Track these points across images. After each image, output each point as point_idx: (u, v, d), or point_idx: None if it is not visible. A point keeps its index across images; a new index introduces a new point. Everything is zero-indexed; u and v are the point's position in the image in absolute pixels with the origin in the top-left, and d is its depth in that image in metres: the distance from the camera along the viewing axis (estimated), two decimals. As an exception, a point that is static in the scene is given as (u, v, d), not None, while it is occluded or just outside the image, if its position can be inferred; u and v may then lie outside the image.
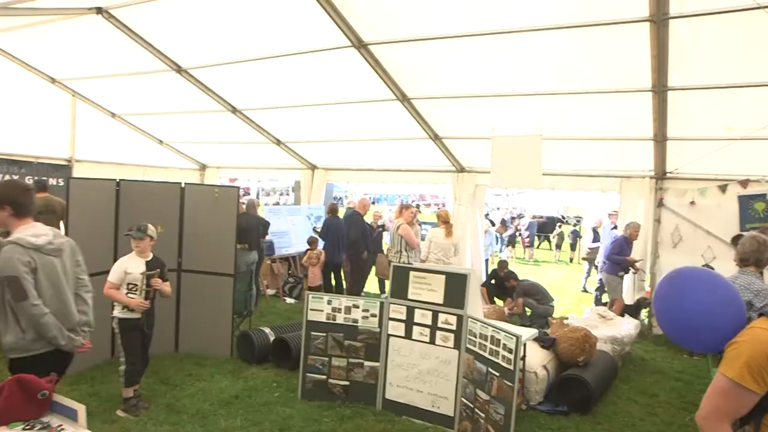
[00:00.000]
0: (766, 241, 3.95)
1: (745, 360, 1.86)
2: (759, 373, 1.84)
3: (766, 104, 6.16)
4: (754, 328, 1.95)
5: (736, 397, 1.88)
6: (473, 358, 4.57)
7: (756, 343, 1.88)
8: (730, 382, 1.88)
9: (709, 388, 2.00)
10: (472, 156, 9.30)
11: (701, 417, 1.96)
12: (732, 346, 1.96)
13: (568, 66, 6.40)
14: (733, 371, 1.88)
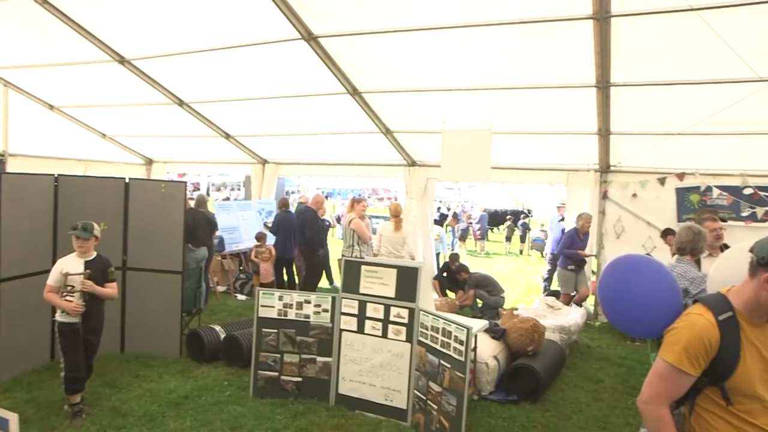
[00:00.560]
0: (701, 231, 4.14)
1: (683, 345, 1.95)
2: (695, 357, 1.94)
3: (700, 101, 6.43)
4: (691, 314, 2.03)
5: (675, 380, 1.97)
6: (425, 350, 4.61)
7: (693, 329, 1.96)
8: (669, 366, 1.97)
9: (649, 373, 2.08)
10: (423, 150, 9.37)
11: (642, 401, 2.04)
12: (671, 332, 2.04)
13: (516, 61, 6.50)
14: (672, 356, 1.97)
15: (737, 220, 7.50)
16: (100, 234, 4.78)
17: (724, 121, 6.53)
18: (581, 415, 5.20)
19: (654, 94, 6.62)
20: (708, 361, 1.95)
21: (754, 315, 1.97)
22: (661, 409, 1.99)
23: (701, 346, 1.93)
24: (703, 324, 1.96)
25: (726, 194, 7.74)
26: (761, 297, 1.93)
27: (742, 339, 1.95)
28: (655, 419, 1.99)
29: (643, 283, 2.26)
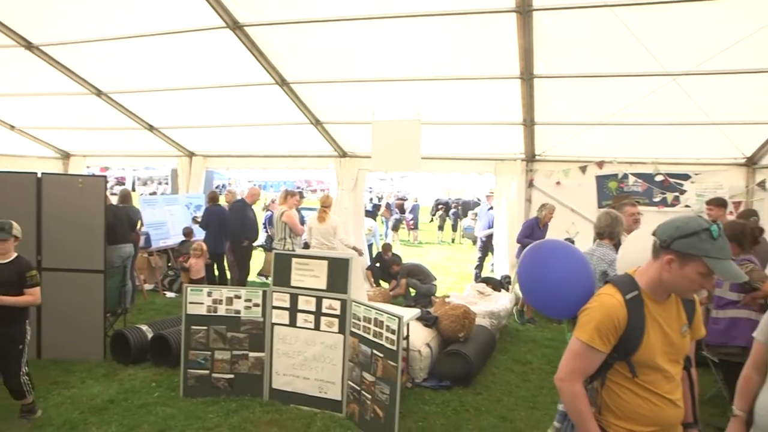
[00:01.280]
0: (618, 216, 4.35)
1: (595, 324, 2.07)
2: (606, 334, 2.06)
3: (617, 93, 6.75)
4: (602, 295, 2.16)
5: (588, 357, 2.09)
6: (358, 341, 4.62)
7: (604, 308, 2.08)
8: (583, 344, 2.08)
9: (565, 352, 2.18)
10: (354, 141, 9.35)
11: (559, 379, 2.14)
12: (584, 312, 2.16)
13: (444, 53, 6.59)
14: (585, 335, 2.08)
15: (650, 205, 7.95)
16: (20, 233, 4.49)
17: (638, 112, 6.91)
18: (511, 396, 5.38)
19: (575, 86, 6.90)
20: (617, 337, 2.07)
21: (657, 293, 2.12)
22: (576, 385, 2.10)
23: (611, 325, 2.06)
24: (613, 303, 2.08)
25: (640, 181, 8.20)
26: (663, 277, 2.06)
27: (646, 316, 2.09)
28: (571, 395, 2.10)
29: (558, 266, 2.36)
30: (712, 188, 8.03)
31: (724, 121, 6.96)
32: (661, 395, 2.11)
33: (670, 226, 2.07)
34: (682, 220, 2.06)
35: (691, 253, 1.98)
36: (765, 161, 7.63)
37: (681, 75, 6.14)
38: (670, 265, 2.03)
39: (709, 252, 1.96)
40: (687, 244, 1.98)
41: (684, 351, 2.21)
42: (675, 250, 2.01)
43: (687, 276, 2.01)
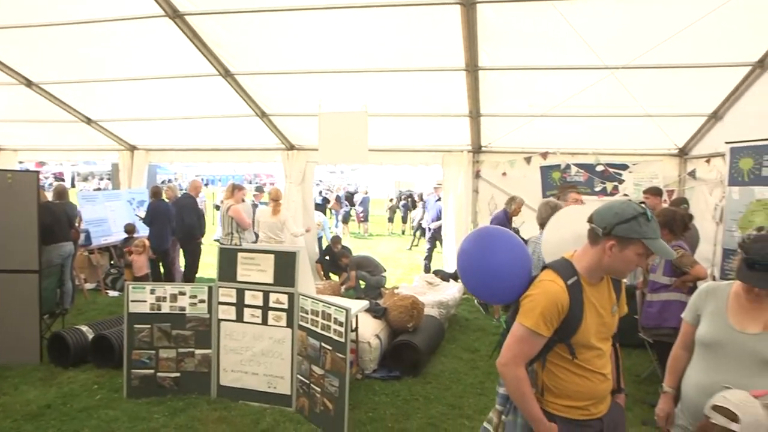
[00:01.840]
0: (557, 205, 4.46)
1: (540, 311, 2.13)
2: (550, 320, 2.13)
3: (559, 86, 6.93)
4: (544, 281, 2.21)
5: (532, 342, 2.16)
6: (306, 334, 4.58)
7: (548, 295, 2.15)
8: (527, 330, 2.14)
9: (508, 338, 2.23)
10: (301, 133, 9.25)
11: (502, 364, 2.20)
12: (528, 299, 2.20)
13: (389, 44, 6.59)
14: (530, 321, 2.13)
15: (592, 194, 8.21)
16: None
17: (579, 104, 7.10)
18: (459, 383, 5.47)
19: (519, 78, 7.03)
20: (559, 322, 2.15)
21: (593, 277, 2.23)
22: (519, 369, 2.17)
23: (555, 310, 2.13)
24: (556, 290, 2.15)
25: (582, 171, 8.45)
26: (604, 261, 2.16)
27: (584, 300, 2.19)
28: (514, 379, 2.17)
29: (500, 252, 2.39)
30: (648, 178, 8.36)
31: (659, 114, 7.24)
32: (594, 371, 2.23)
33: (608, 212, 2.16)
34: (619, 207, 2.16)
35: (632, 237, 2.09)
36: (695, 152, 7.99)
37: (619, 68, 6.35)
38: (611, 249, 2.13)
39: (647, 234, 2.09)
40: (627, 228, 2.09)
41: (613, 328, 2.34)
42: (616, 235, 2.11)
43: (627, 258, 2.13)
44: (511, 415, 2.31)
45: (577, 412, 2.22)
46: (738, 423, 1.91)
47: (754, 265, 2.34)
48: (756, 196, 5.73)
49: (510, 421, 2.31)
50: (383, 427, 4.54)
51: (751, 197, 5.84)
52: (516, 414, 2.28)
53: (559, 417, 2.21)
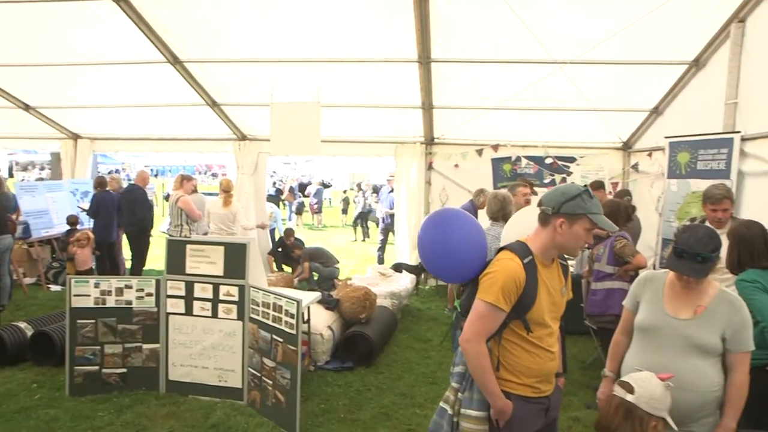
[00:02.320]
0: (505, 197, 4.57)
1: (500, 286, 2.24)
2: (508, 295, 2.24)
3: (510, 79, 7.05)
4: (501, 260, 2.33)
5: (492, 317, 2.26)
6: (257, 327, 4.54)
7: (507, 271, 2.26)
8: (488, 305, 2.24)
9: (470, 315, 2.32)
10: (254, 123, 9.10)
11: (465, 340, 2.29)
12: (487, 276, 2.31)
13: (342, 34, 6.56)
14: (491, 296, 2.24)
15: (541, 186, 8.38)
16: None
17: (529, 97, 7.26)
18: (411, 373, 5.53)
19: (471, 71, 7.10)
20: (517, 297, 2.27)
21: (546, 257, 2.37)
22: (480, 345, 2.27)
23: (513, 286, 2.25)
24: (514, 267, 2.27)
25: (532, 163, 8.64)
26: (556, 239, 2.31)
27: (538, 278, 2.31)
28: (476, 354, 2.27)
29: (460, 232, 2.49)
30: (594, 170, 8.63)
31: (604, 108, 7.48)
32: (545, 349, 2.36)
33: (555, 193, 2.33)
34: (564, 187, 2.35)
35: (577, 213, 2.25)
36: (638, 146, 8.30)
37: (566, 64, 6.51)
38: (561, 227, 2.28)
39: (591, 209, 2.26)
40: (573, 205, 2.25)
41: (562, 309, 2.48)
42: (563, 213, 2.26)
43: (576, 233, 2.28)
44: (467, 392, 2.39)
45: (528, 390, 2.35)
46: (633, 394, 2.12)
47: (682, 253, 2.47)
48: (692, 189, 5.98)
49: (466, 397, 2.39)
50: (336, 418, 4.54)
51: (688, 189, 6.11)
52: (472, 390, 2.37)
53: (513, 395, 2.33)
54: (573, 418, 4.58)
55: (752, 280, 3.10)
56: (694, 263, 2.45)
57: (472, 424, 2.34)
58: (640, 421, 2.10)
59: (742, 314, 2.50)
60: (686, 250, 2.46)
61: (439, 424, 2.46)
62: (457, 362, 2.49)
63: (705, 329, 2.47)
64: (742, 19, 5.52)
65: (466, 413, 2.36)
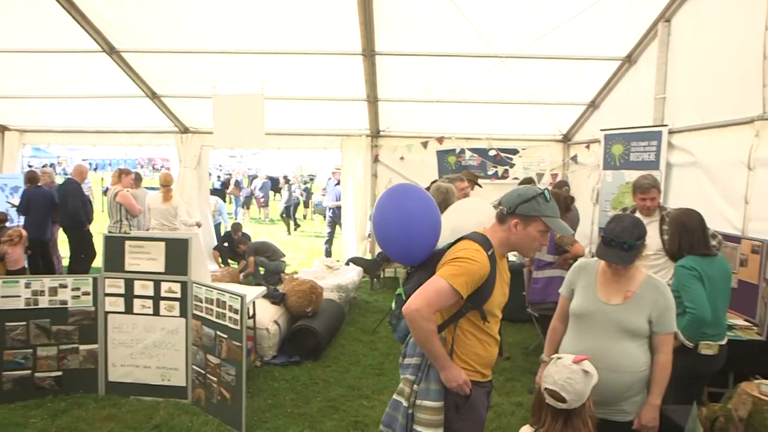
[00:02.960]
0: (448, 189, 4.65)
1: (469, 275, 2.26)
2: (472, 285, 2.28)
3: (453, 72, 7.16)
4: (469, 249, 2.32)
5: (448, 298, 2.27)
6: (201, 323, 4.46)
7: (477, 263, 2.28)
8: (450, 287, 2.24)
9: (425, 286, 2.28)
10: (196, 116, 8.87)
11: (413, 309, 2.22)
12: (457, 261, 2.29)
13: (286, 26, 6.49)
14: (456, 282, 2.24)
15: (485, 178, 8.58)
16: None
17: (473, 91, 7.39)
18: (359, 365, 5.57)
19: (414, 64, 7.16)
20: (475, 288, 2.30)
21: (502, 251, 2.44)
22: (431, 322, 2.26)
23: (478, 277, 2.28)
24: (483, 258, 2.30)
25: (476, 155, 8.81)
26: (511, 238, 2.37)
27: (496, 270, 2.36)
28: (426, 330, 2.25)
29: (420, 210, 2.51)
30: (536, 162, 8.89)
31: (545, 102, 7.70)
32: (493, 337, 2.45)
33: (512, 194, 2.38)
34: (522, 189, 2.39)
35: (532, 215, 2.30)
36: (577, 138, 8.59)
37: (507, 57, 6.67)
38: (516, 227, 2.33)
39: (545, 212, 2.31)
40: (528, 207, 2.30)
41: (506, 299, 2.53)
42: (519, 214, 2.31)
43: (530, 235, 2.34)
44: (423, 382, 2.39)
45: (478, 375, 2.41)
46: (565, 402, 2.15)
47: (610, 242, 2.60)
48: (625, 179, 6.26)
49: (422, 388, 2.38)
50: (283, 413, 4.53)
51: (622, 180, 6.38)
52: (428, 381, 2.38)
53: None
54: (516, 403, 4.72)
55: (690, 267, 3.30)
56: (621, 251, 2.58)
57: (429, 414, 2.34)
58: (578, 417, 2.19)
59: (666, 298, 2.65)
60: (613, 239, 2.59)
61: (394, 417, 2.45)
62: (410, 353, 2.49)
63: (633, 313, 2.61)
64: (668, 18, 5.80)
65: (423, 404, 2.36)
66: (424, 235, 2.48)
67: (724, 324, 3.46)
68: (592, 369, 2.23)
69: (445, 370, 2.32)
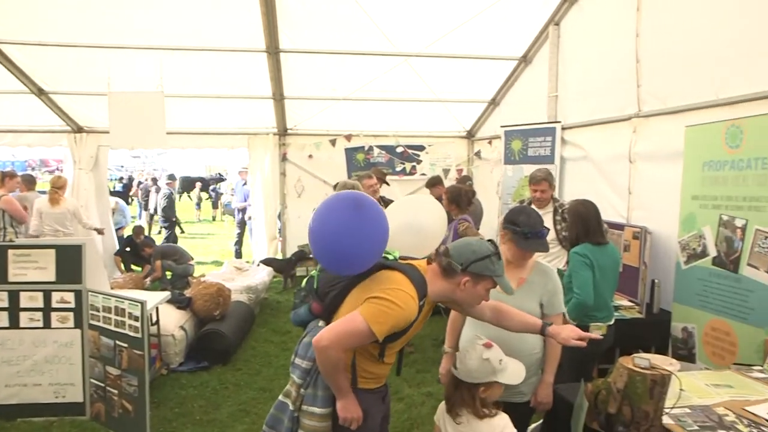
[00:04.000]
0: (354, 185, 4.69)
1: (393, 324, 2.11)
2: (392, 329, 2.14)
3: (359, 70, 7.22)
4: (403, 293, 2.15)
5: (365, 340, 2.13)
6: (99, 333, 4.22)
7: (405, 312, 2.12)
8: (370, 332, 2.08)
9: (343, 325, 2.14)
10: (91, 114, 8.34)
11: (324, 346, 2.10)
12: (383, 303, 2.11)
13: (186, 21, 6.27)
14: (377, 327, 2.08)
15: (393, 174, 8.73)
16: None
17: (379, 88, 7.50)
18: (270, 367, 5.49)
19: (321, 62, 7.15)
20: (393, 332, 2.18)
21: (436, 300, 2.31)
22: (340, 359, 2.14)
23: (402, 324, 2.15)
24: (413, 308, 2.15)
25: (384, 152, 8.94)
26: (456, 294, 2.25)
27: (420, 316, 2.25)
28: (334, 365, 2.14)
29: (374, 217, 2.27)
30: (442, 158, 9.16)
31: (449, 99, 7.94)
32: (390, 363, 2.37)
33: (466, 249, 2.24)
34: (476, 245, 2.26)
35: (484, 274, 2.22)
36: (480, 134, 8.94)
37: (411, 56, 6.82)
38: (465, 285, 2.22)
39: (497, 272, 2.24)
40: (481, 266, 2.21)
41: None
42: (471, 272, 2.21)
43: (478, 293, 2.26)
44: (311, 388, 2.29)
45: (372, 383, 2.33)
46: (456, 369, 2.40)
47: (528, 234, 2.71)
48: (524, 173, 6.60)
49: (309, 394, 2.29)
50: (191, 421, 4.39)
51: (521, 174, 6.72)
52: (316, 387, 2.28)
53: (360, 389, 2.28)
54: (426, 393, 4.84)
55: (583, 254, 3.54)
56: (542, 240, 2.75)
57: (315, 421, 2.26)
58: (468, 391, 2.34)
59: (554, 281, 2.84)
60: (532, 231, 2.71)
61: (279, 419, 2.37)
62: (302, 354, 2.37)
63: (526, 298, 2.76)
64: (557, 22, 6.18)
65: (309, 410, 2.27)
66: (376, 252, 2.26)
67: (611, 307, 3.74)
68: (495, 361, 2.34)
69: (344, 401, 2.22)
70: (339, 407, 2.24)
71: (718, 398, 2.54)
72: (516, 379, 2.43)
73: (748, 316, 3.57)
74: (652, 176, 4.80)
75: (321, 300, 2.41)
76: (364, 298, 2.16)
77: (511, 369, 2.42)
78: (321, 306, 2.41)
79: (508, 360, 2.43)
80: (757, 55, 3.74)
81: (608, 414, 2.27)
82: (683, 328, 4.13)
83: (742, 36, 3.84)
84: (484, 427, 2.32)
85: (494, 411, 2.38)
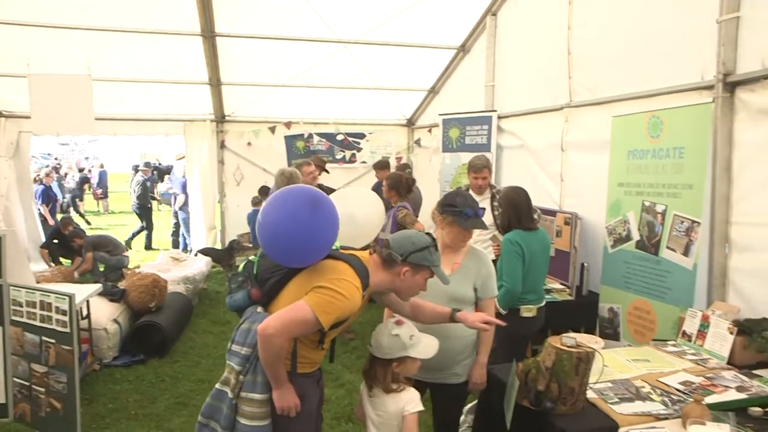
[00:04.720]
0: (292, 174, 4.64)
1: (339, 313, 2.14)
2: (336, 319, 2.16)
3: (298, 57, 7.14)
4: (349, 283, 2.18)
5: (311, 329, 2.16)
6: (22, 330, 4.02)
7: (350, 303, 2.15)
8: (316, 320, 2.10)
9: (289, 312, 2.13)
10: (9, 97, 7.83)
11: (270, 334, 2.09)
12: (330, 293, 2.13)
13: (115, 0, 5.98)
14: (324, 317, 2.10)
15: (333, 162, 8.70)
16: None
17: (318, 75, 7.43)
18: (209, 357, 5.40)
19: (258, 47, 7.01)
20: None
21: (378, 290, 2.39)
22: (287, 342, 2.15)
23: (346, 314, 2.19)
24: (357, 299, 2.19)
25: (324, 140, 8.88)
26: (396, 283, 2.33)
27: (361, 305, 2.30)
28: (279, 348, 2.13)
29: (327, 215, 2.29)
30: (383, 146, 9.19)
31: (389, 87, 7.96)
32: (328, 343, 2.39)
33: (405, 241, 2.32)
34: (415, 237, 2.35)
35: (423, 264, 2.31)
36: (420, 122, 9.02)
37: (350, 43, 6.78)
38: (405, 275, 2.30)
39: (434, 262, 2.34)
40: (420, 257, 2.29)
41: None
42: (410, 263, 2.29)
43: (416, 282, 2.34)
44: (251, 374, 2.26)
45: (307, 368, 2.35)
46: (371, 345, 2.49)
47: (467, 215, 2.78)
48: (462, 161, 6.71)
49: (249, 380, 2.26)
50: (126, 416, 4.27)
51: (459, 162, 6.84)
52: (256, 373, 2.25)
53: (298, 374, 2.30)
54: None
55: (515, 242, 3.62)
56: (480, 218, 2.84)
57: (255, 407, 2.24)
58: (381, 367, 2.45)
59: (487, 266, 2.92)
60: (472, 209, 2.80)
61: (216, 407, 2.34)
62: (240, 341, 2.32)
63: (461, 283, 2.83)
64: (494, 12, 6.30)
65: (249, 396, 2.25)
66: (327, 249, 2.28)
67: (542, 290, 3.87)
68: (406, 337, 2.43)
69: (280, 390, 2.23)
70: (275, 397, 2.24)
71: (636, 372, 2.77)
72: (428, 353, 2.48)
73: (666, 296, 3.81)
74: (582, 164, 4.99)
75: (260, 286, 2.39)
76: (310, 287, 2.17)
77: (423, 344, 2.48)
78: (260, 292, 2.38)
79: (421, 335, 2.50)
80: (677, 50, 3.94)
81: (537, 391, 2.37)
82: (609, 309, 4.35)
83: (665, 31, 4.03)
84: (390, 401, 2.43)
85: (402, 386, 2.45)
